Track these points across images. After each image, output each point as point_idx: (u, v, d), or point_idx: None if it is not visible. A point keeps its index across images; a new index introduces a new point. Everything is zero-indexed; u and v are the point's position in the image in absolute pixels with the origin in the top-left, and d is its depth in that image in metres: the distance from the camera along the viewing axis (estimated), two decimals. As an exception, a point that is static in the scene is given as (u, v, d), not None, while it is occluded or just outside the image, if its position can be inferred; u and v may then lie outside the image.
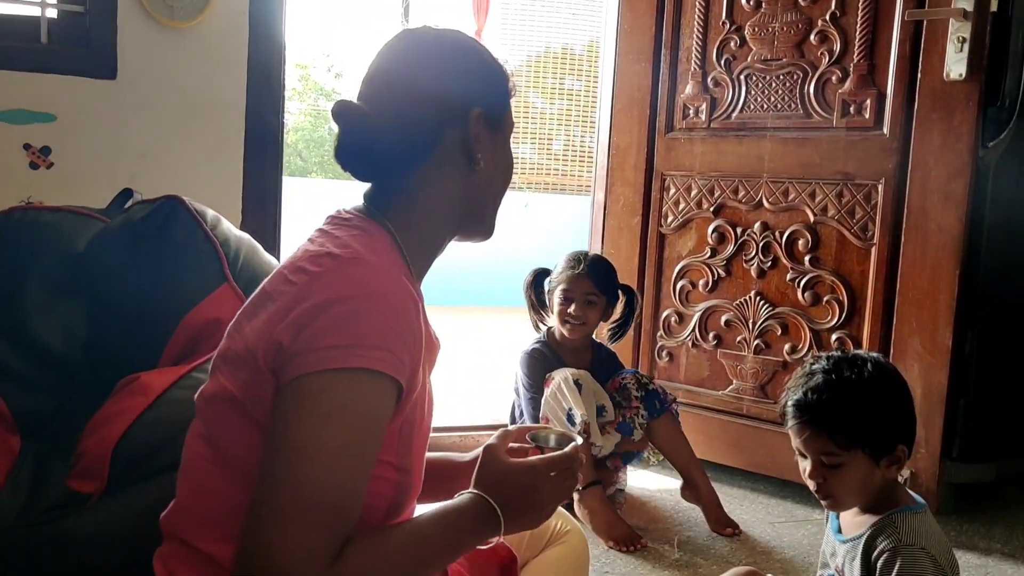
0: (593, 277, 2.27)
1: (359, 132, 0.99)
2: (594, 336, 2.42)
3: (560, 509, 1.13)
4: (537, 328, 2.40)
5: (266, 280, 0.96)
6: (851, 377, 1.27)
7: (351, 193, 1.06)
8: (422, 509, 0.96)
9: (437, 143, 1.00)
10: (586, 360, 2.36)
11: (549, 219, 7.05)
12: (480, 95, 1.02)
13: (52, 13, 2.17)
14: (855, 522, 1.33)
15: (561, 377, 2.17)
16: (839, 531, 1.36)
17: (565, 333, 2.30)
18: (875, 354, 1.33)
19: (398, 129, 0.98)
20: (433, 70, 1.00)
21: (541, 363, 2.28)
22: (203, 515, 0.92)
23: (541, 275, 2.39)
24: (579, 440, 1.03)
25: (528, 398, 2.26)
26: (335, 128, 1.02)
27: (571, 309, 2.25)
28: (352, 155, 1.00)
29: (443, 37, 1.04)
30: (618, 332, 2.38)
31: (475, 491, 0.95)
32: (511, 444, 1.06)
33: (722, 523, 2.19)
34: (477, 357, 4.13)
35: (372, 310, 0.86)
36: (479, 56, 1.05)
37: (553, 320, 2.33)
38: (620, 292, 2.36)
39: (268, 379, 0.87)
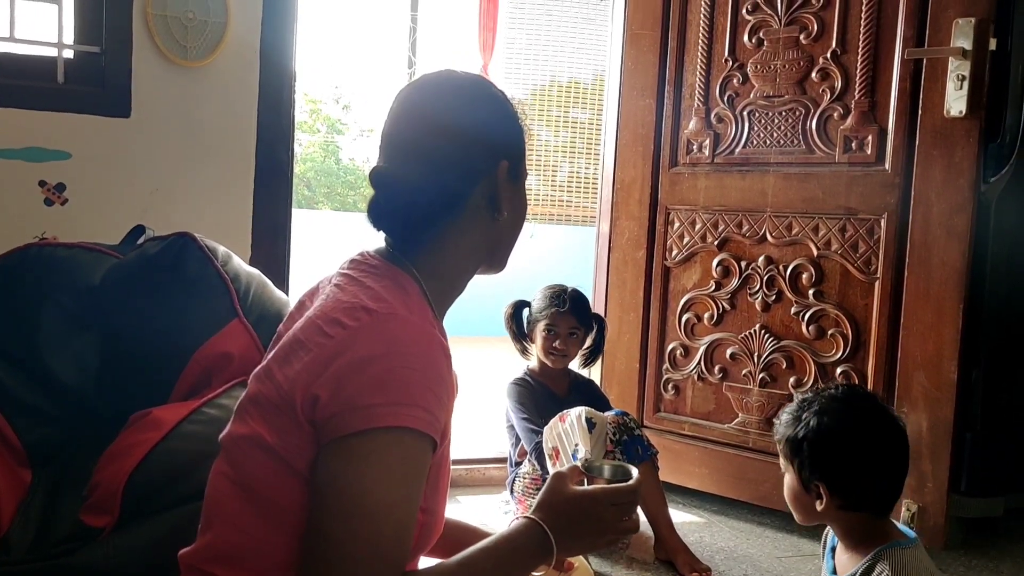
0: (576, 314, 2.41)
1: (397, 199, 1.01)
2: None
3: None
4: (524, 355, 2.52)
5: (297, 327, 0.97)
6: (817, 399, 1.36)
7: (357, 225, 1.08)
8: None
9: (467, 199, 1.03)
10: (564, 385, 2.51)
11: (554, 250, 7.08)
12: (505, 147, 1.05)
13: (68, 54, 2.22)
14: (847, 560, 1.34)
15: (576, 414, 2.18)
16: (834, 572, 1.37)
17: (549, 364, 2.45)
18: (875, 402, 1.38)
19: (433, 191, 1.01)
20: (464, 128, 1.02)
21: (526, 390, 2.43)
22: (236, 554, 0.94)
23: (520, 307, 2.52)
24: (635, 472, 1.05)
25: (520, 419, 2.36)
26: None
27: (556, 343, 2.41)
28: (387, 218, 1.03)
29: (467, 88, 1.06)
30: (590, 358, 2.51)
31: (530, 516, 0.97)
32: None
33: (690, 567, 2.15)
34: (482, 388, 4.12)
35: (410, 368, 0.88)
36: (502, 106, 1.07)
37: (535, 351, 2.48)
38: (593, 321, 2.48)
39: (306, 430, 0.89)
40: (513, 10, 7.57)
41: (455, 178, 1.02)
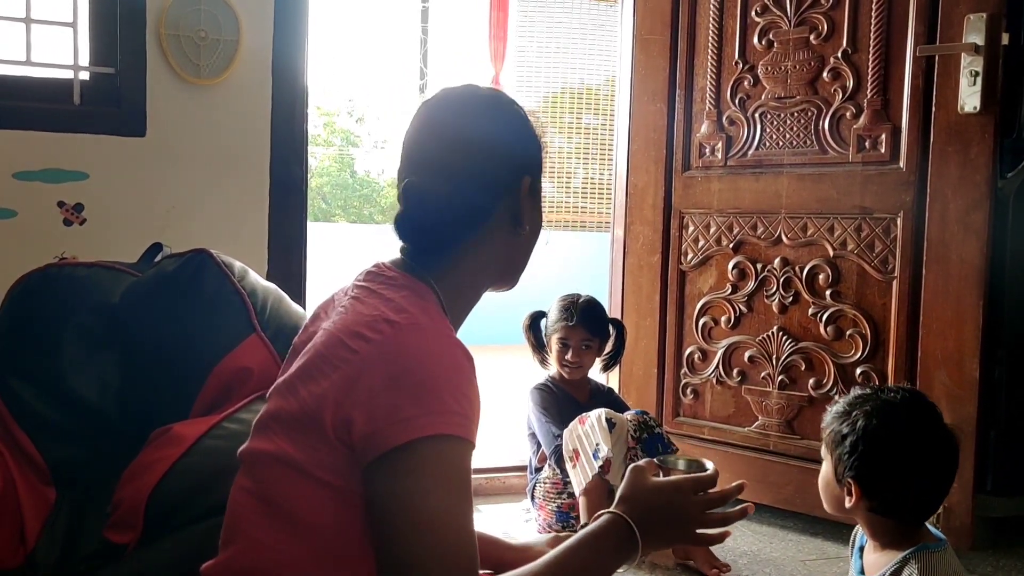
0: (586, 326, 2.43)
1: (425, 213, 1.02)
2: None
3: None
4: (544, 366, 2.55)
5: (318, 341, 0.97)
6: (872, 398, 1.33)
7: (373, 237, 1.09)
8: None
9: (492, 215, 1.04)
10: (585, 392, 2.52)
11: (570, 256, 7.07)
12: (529, 165, 1.07)
13: (84, 75, 2.25)
14: (876, 562, 1.33)
15: (595, 416, 2.19)
16: (862, 571, 1.36)
17: (564, 375, 2.48)
18: (931, 415, 1.33)
19: (461, 206, 1.02)
20: (491, 144, 1.04)
21: (549, 395, 2.45)
22: (259, 568, 0.94)
23: (537, 317, 2.54)
24: (711, 465, 1.05)
25: (542, 423, 2.37)
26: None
27: (568, 356, 2.44)
28: (413, 231, 1.03)
29: (491, 104, 1.07)
30: (611, 363, 2.53)
31: (613, 511, 0.97)
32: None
33: (709, 564, 2.15)
34: (501, 396, 4.12)
35: (439, 376, 0.89)
36: (524, 121, 1.09)
37: (553, 361, 2.50)
38: (611, 327, 2.50)
39: (336, 447, 0.90)
40: (523, 18, 7.60)
41: (482, 194, 1.03)
